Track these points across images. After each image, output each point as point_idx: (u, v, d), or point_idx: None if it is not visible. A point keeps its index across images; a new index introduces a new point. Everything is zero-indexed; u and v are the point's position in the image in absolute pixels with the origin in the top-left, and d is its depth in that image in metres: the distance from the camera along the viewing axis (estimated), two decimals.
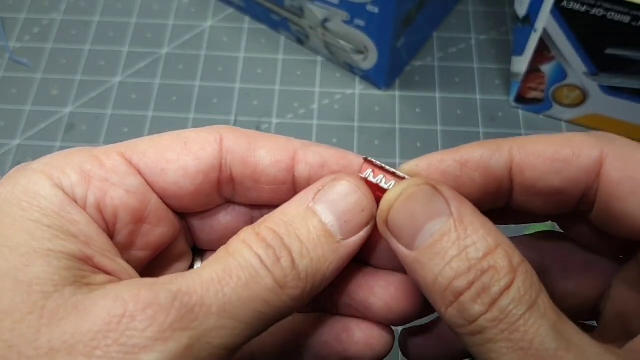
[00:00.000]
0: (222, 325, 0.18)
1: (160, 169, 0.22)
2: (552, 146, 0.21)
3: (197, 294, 0.18)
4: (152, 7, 0.60)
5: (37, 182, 0.20)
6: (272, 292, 0.19)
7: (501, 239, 0.19)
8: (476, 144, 0.22)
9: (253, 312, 0.19)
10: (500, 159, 0.22)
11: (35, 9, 0.59)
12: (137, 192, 0.21)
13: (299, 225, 0.20)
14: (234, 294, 0.18)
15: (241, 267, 0.19)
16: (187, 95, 0.54)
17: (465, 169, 0.22)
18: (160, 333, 0.17)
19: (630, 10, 0.41)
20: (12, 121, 0.53)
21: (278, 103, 0.53)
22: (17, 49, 0.57)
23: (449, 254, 0.19)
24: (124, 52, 0.57)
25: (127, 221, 0.21)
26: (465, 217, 0.19)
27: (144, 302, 0.17)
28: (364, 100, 0.54)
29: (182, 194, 0.22)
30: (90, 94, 0.54)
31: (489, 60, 0.56)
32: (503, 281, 0.18)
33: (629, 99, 0.47)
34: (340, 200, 0.21)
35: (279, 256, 0.19)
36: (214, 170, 0.22)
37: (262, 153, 0.23)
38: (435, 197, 0.20)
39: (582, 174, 0.21)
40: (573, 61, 0.46)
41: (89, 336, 0.16)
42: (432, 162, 0.22)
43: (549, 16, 0.44)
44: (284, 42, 0.57)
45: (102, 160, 0.21)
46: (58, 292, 0.17)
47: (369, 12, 0.47)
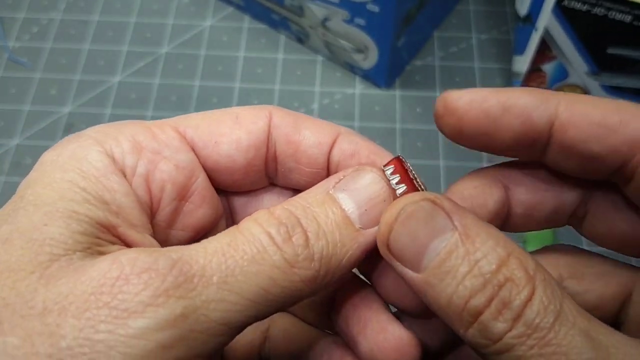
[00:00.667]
0: (222, 297, 0.17)
1: (214, 141, 0.22)
2: (600, 110, 0.20)
3: (199, 263, 0.17)
4: (151, 6, 0.59)
5: (86, 148, 0.20)
6: (280, 270, 0.18)
7: (511, 246, 0.18)
8: (524, 90, 0.21)
9: (258, 288, 0.18)
10: (545, 112, 0.20)
11: (34, 8, 0.59)
12: (186, 168, 0.21)
13: (317, 209, 0.20)
14: (238, 267, 0.18)
15: (248, 242, 0.18)
16: (186, 94, 0.54)
17: (507, 113, 0.20)
18: (153, 298, 0.16)
19: (631, 10, 0.41)
20: (11, 121, 0.52)
21: (278, 102, 0.53)
22: (16, 49, 0.57)
23: (461, 271, 0.18)
24: (124, 51, 0.56)
25: (173, 197, 0.21)
26: (470, 229, 0.18)
27: (141, 266, 0.17)
28: (364, 99, 0.53)
29: (234, 168, 0.22)
30: (90, 93, 0.54)
31: (489, 60, 0.56)
32: (523, 293, 0.17)
33: (631, 98, 0.47)
34: (361, 189, 0.20)
35: (292, 234, 0.19)
36: (264, 144, 0.22)
37: (306, 133, 0.22)
38: (436, 212, 0.19)
39: (625, 145, 0.20)
40: (574, 60, 0.46)
41: (82, 298, 0.16)
42: (475, 99, 0.20)
43: (550, 15, 0.44)
44: (284, 42, 0.57)
45: (155, 133, 0.21)
46: (67, 256, 0.17)
47: (369, 11, 0.47)
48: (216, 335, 0.17)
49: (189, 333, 0.16)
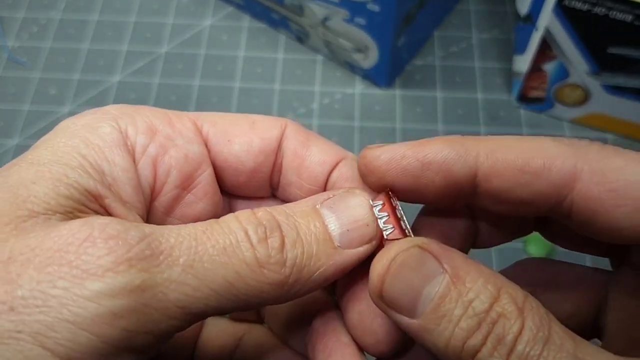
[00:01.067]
0: (185, 280, 0.17)
1: (227, 140, 0.22)
2: (522, 155, 0.20)
3: (169, 242, 0.17)
4: (151, 5, 0.59)
5: (101, 120, 0.20)
6: (249, 267, 0.18)
7: (500, 280, 0.19)
8: (442, 140, 0.21)
9: (223, 280, 0.18)
10: (465, 165, 0.20)
11: (34, 7, 0.59)
12: (195, 159, 0.22)
13: (300, 219, 0.20)
14: (207, 254, 0.18)
15: (223, 233, 0.18)
16: (186, 94, 0.54)
17: (426, 170, 0.21)
18: (115, 264, 0.16)
19: (632, 9, 0.41)
20: (10, 121, 0.52)
21: (278, 102, 0.53)
22: (15, 48, 0.57)
23: (456, 314, 0.18)
24: (123, 51, 0.56)
25: (177, 184, 0.22)
26: (460, 270, 0.19)
27: (110, 232, 0.17)
28: (365, 99, 0.53)
29: (241, 170, 0.23)
30: (89, 93, 0.54)
31: (490, 59, 0.55)
32: (515, 327, 0.18)
33: (631, 98, 0.47)
34: (347, 209, 0.21)
35: (269, 236, 0.19)
36: (273, 153, 0.23)
37: (313, 149, 0.23)
38: (425, 258, 0.19)
39: (553, 188, 0.20)
40: (575, 60, 0.46)
41: (47, 253, 0.16)
42: (394, 157, 0.21)
43: (551, 15, 0.44)
44: (284, 41, 0.57)
45: (172, 121, 0.22)
46: (45, 215, 0.17)
47: (370, 11, 0.47)
48: (170, 317, 0.17)
49: (142, 307, 0.16)
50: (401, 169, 0.21)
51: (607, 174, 0.19)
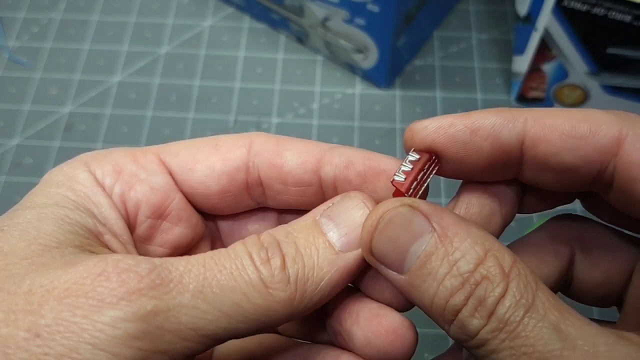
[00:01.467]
0: (195, 305, 0.18)
1: (189, 168, 0.23)
2: (569, 121, 0.20)
3: (178, 271, 0.19)
4: (151, 6, 0.59)
5: (76, 168, 0.22)
6: (255, 289, 0.19)
7: (489, 243, 0.19)
8: (490, 110, 0.21)
9: (232, 303, 0.19)
10: (513, 130, 0.21)
11: (34, 8, 0.59)
12: (161, 190, 0.23)
13: (299, 235, 0.21)
14: (215, 280, 0.19)
15: (230, 258, 0.19)
16: (186, 94, 0.54)
17: (474, 136, 0.21)
18: (128, 294, 0.18)
19: (631, 10, 0.41)
20: (10, 121, 0.52)
21: (278, 102, 0.53)
22: (16, 49, 0.57)
23: (440, 272, 0.19)
24: (123, 51, 0.56)
25: (148, 215, 0.23)
26: (449, 229, 0.19)
27: (123, 267, 0.18)
28: (365, 99, 0.53)
29: (208, 194, 0.23)
30: (90, 93, 0.54)
31: (489, 60, 0.56)
32: (497, 290, 0.18)
33: (631, 98, 0.47)
34: (344, 213, 0.21)
35: (271, 257, 0.20)
36: (239, 172, 0.23)
37: (288, 155, 0.23)
38: (414, 216, 0.20)
39: (598, 152, 0.20)
40: (574, 60, 0.46)
41: (65, 286, 0.18)
42: (442, 125, 0.21)
43: (550, 15, 0.44)
44: (284, 41, 0.57)
45: (137, 157, 0.23)
46: (58, 249, 0.19)
47: (369, 11, 0.47)
48: (184, 339, 0.18)
49: (156, 329, 0.18)
50: (449, 136, 0.21)
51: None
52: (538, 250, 0.24)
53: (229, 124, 0.52)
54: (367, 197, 0.22)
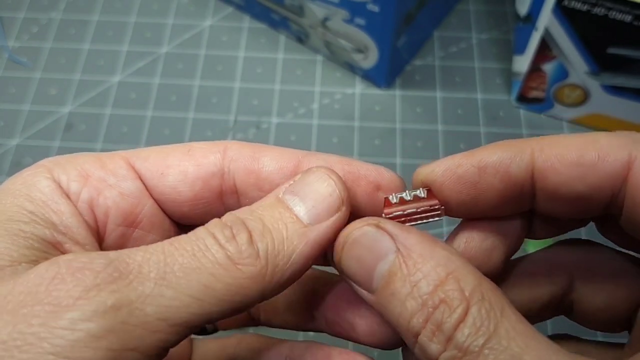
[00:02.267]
0: (159, 293, 0.17)
1: (160, 173, 0.22)
2: (576, 148, 0.20)
3: (136, 261, 0.18)
4: (151, 6, 0.59)
5: (36, 175, 0.21)
6: (223, 267, 0.18)
7: (453, 264, 0.19)
8: (495, 145, 0.21)
9: (199, 285, 0.18)
10: (521, 163, 0.20)
11: (34, 8, 0.59)
12: (131, 196, 0.22)
13: (264, 212, 0.20)
14: (177, 264, 0.18)
15: (191, 241, 0.19)
16: (186, 94, 0.54)
17: (483, 174, 0.21)
18: (85, 292, 0.17)
19: (632, 10, 0.41)
20: (10, 121, 0.52)
21: (278, 102, 0.53)
22: (16, 49, 0.57)
23: (403, 293, 0.18)
24: (123, 51, 0.56)
25: (118, 222, 0.22)
26: (412, 249, 0.19)
27: (76, 266, 0.17)
28: (365, 99, 0.53)
29: (180, 200, 0.22)
30: (90, 93, 0.54)
31: (490, 60, 0.56)
32: (454, 315, 0.17)
33: (631, 98, 0.47)
34: (309, 186, 0.20)
35: (236, 234, 0.19)
36: (214, 177, 0.22)
37: (265, 160, 0.22)
38: (379, 235, 0.20)
39: (608, 179, 0.20)
40: (574, 60, 0.46)
41: (19, 297, 0.17)
42: (450, 167, 0.21)
43: (551, 15, 0.44)
44: (284, 41, 0.57)
45: (104, 163, 0.22)
46: (12, 267, 0.18)
47: (370, 11, 0.47)
48: (154, 331, 0.17)
49: (121, 325, 0.17)
50: (458, 178, 0.21)
51: None
52: (534, 271, 0.24)
53: (229, 123, 0.52)
54: (330, 170, 0.21)
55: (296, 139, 0.51)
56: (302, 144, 0.51)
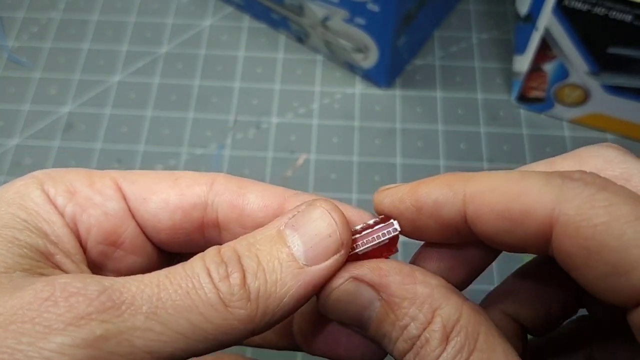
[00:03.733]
0: (149, 327, 0.17)
1: (143, 198, 0.22)
2: (504, 200, 0.19)
3: (130, 292, 0.18)
4: (151, 5, 0.59)
5: (29, 186, 0.21)
6: (214, 308, 0.18)
7: (436, 301, 0.19)
8: (437, 182, 0.21)
9: (189, 324, 0.18)
10: (453, 208, 0.20)
11: (34, 7, 0.59)
12: (114, 216, 0.22)
13: (262, 247, 0.20)
14: (169, 301, 0.18)
15: (186, 276, 0.18)
16: (186, 94, 0.54)
17: (419, 214, 0.21)
18: (76, 319, 0.17)
19: (632, 9, 0.41)
20: (10, 121, 0.52)
21: (278, 102, 0.53)
22: (15, 48, 0.57)
23: (394, 336, 0.20)
24: (123, 51, 0.56)
25: (99, 240, 0.22)
26: (395, 294, 0.20)
27: (71, 290, 0.17)
28: (365, 99, 0.53)
29: (160, 227, 0.23)
30: (89, 93, 0.54)
31: (490, 59, 0.55)
32: (435, 353, 0.19)
33: (631, 98, 0.47)
34: (309, 224, 0.20)
35: (230, 273, 0.19)
36: (196, 209, 0.22)
37: (250, 197, 0.22)
38: (360, 288, 0.20)
39: (532, 236, 0.19)
40: (575, 60, 0.46)
41: (11, 312, 0.17)
42: (393, 202, 0.21)
43: (551, 15, 0.44)
44: (284, 41, 0.57)
45: (93, 181, 0.22)
46: (6, 274, 0.18)
47: (370, 11, 0.47)
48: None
49: (107, 354, 0.17)
50: (400, 213, 0.21)
51: (581, 230, 0.17)
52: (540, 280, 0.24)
53: (229, 123, 0.52)
54: (332, 206, 0.21)
55: (296, 139, 0.51)
56: (302, 144, 0.51)
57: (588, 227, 0.17)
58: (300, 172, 0.49)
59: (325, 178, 0.49)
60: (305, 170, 0.50)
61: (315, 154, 0.50)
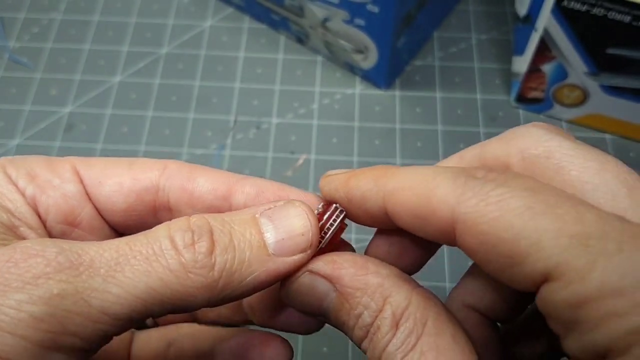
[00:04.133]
0: (106, 289, 0.18)
1: (99, 181, 0.24)
2: (414, 198, 0.20)
3: (88, 255, 0.19)
4: (151, 6, 0.59)
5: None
6: (173, 273, 0.19)
7: (387, 289, 0.20)
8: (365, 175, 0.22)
9: (147, 288, 0.19)
10: (375, 203, 0.21)
11: (35, 8, 0.59)
12: (72, 198, 0.23)
13: (236, 227, 0.21)
14: (128, 265, 0.19)
15: (148, 243, 0.19)
16: (186, 94, 0.54)
17: (350, 204, 0.22)
18: (34, 279, 0.18)
19: (630, 10, 0.41)
20: (11, 121, 0.53)
21: (278, 103, 0.53)
22: (16, 49, 0.57)
23: (350, 324, 0.21)
24: (124, 51, 0.57)
25: (58, 220, 0.23)
26: (348, 285, 0.21)
27: (30, 252, 0.18)
28: (364, 100, 0.54)
29: (114, 209, 0.24)
30: (90, 93, 0.54)
31: (489, 60, 0.56)
32: (386, 338, 0.20)
33: (630, 98, 0.47)
34: (285, 218, 0.21)
35: (196, 241, 0.19)
36: (148, 192, 0.24)
37: (200, 180, 0.24)
38: (315, 281, 0.21)
39: (439, 232, 0.19)
40: (574, 61, 0.46)
41: None
42: (330, 190, 0.23)
43: (550, 16, 0.44)
44: (284, 42, 0.57)
45: (53, 166, 0.23)
46: None
47: (369, 12, 0.47)
48: (95, 322, 0.18)
49: (63, 312, 0.18)
50: (337, 200, 0.22)
51: (478, 226, 0.18)
52: None
53: (229, 124, 0.52)
54: (309, 209, 0.22)
55: (296, 139, 0.51)
56: (302, 144, 0.51)
57: (483, 224, 0.18)
58: (300, 172, 0.50)
59: None
60: (305, 170, 0.50)
61: (315, 154, 0.51)
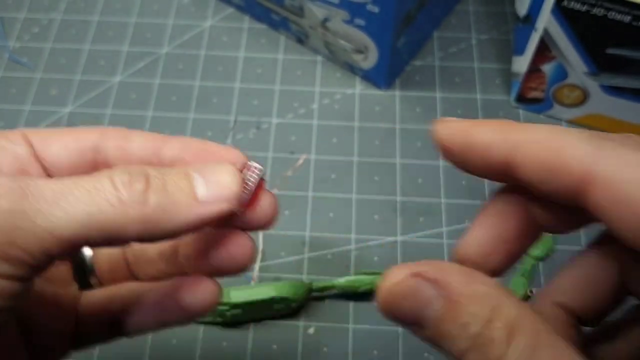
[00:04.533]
0: (51, 212, 0.20)
1: (46, 143, 0.26)
2: (544, 152, 0.20)
3: (37, 186, 0.21)
4: (151, 6, 0.59)
5: None
6: (112, 206, 0.21)
7: (495, 299, 0.20)
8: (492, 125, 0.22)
9: (86, 214, 0.21)
10: (499, 153, 0.21)
11: (35, 8, 0.59)
12: (23, 158, 0.26)
13: (169, 176, 0.23)
14: (71, 195, 0.21)
15: (90, 180, 0.21)
16: (186, 95, 0.54)
17: (470, 151, 0.22)
18: None
19: (631, 10, 0.41)
20: (11, 121, 0.53)
21: (278, 103, 0.53)
22: (16, 49, 0.57)
23: (453, 334, 0.20)
24: (124, 51, 0.57)
25: None
26: (454, 293, 0.20)
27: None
28: (364, 100, 0.54)
29: (60, 168, 0.26)
30: (90, 93, 0.54)
31: (489, 60, 0.56)
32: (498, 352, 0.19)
33: (630, 98, 0.47)
34: (215, 174, 0.23)
35: (133, 181, 0.22)
36: (89, 151, 0.26)
37: (134, 138, 0.26)
38: (420, 285, 0.21)
39: (567, 188, 0.20)
40: (574, 61, 0.46)
41: None
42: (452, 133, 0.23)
43: (550, 16, 0.44)
44: (284, 42, 0.57)
45: (4, 134, 0.26)
46: None
47: (369, 12, 0.47)
48: (40, 239, 0.20)
49: (11, 225, 0.20)
50: (453, 145, 0.23)
51: (615, 185, 0.19)
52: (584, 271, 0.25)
53: (229, 124, 0.52)
54: (235, 168, 0.24)
55: (296, 139, 0.51)
56: (302, 144, 0.51)
57: (621, 183, 0.18)
58: (300, 172, 0.50)
59: (325, 178, 0.49)
60: (305, 170, 0.50)
61: (315, 154, 0.51)
